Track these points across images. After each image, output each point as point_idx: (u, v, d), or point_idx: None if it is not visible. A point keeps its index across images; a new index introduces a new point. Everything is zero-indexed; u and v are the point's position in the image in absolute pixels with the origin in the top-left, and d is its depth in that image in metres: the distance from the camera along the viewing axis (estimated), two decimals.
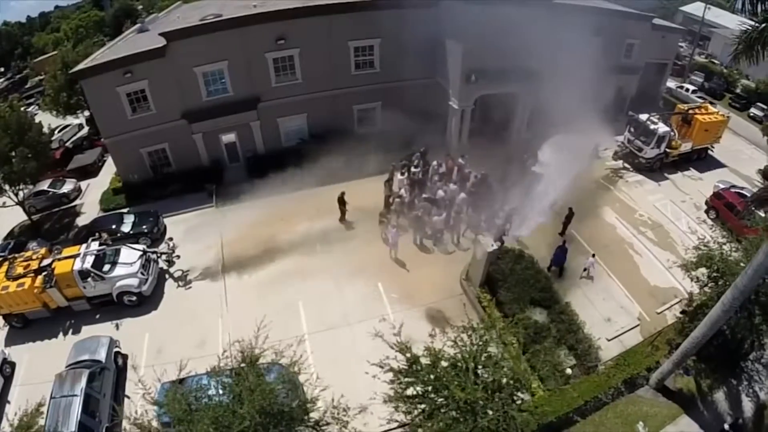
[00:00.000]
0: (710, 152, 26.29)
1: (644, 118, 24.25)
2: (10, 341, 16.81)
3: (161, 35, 20.62)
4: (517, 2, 19.30)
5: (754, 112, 34.35)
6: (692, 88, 36.50)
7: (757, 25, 9.10)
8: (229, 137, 24.02)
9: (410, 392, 9.52)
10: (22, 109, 23.31)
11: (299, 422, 9.41)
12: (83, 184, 26.83)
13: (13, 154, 20.38)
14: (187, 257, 19.03)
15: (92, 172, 27.95)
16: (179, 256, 18.94)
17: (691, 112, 25.18)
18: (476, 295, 16.18)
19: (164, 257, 18.75)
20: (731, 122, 27.95)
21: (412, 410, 9.51)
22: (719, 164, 26.17)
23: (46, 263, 16.79)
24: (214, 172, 23.57)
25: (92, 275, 16.50)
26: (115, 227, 20.36)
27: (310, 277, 17.49)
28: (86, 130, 33.53)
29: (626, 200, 22.58)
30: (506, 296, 15.67)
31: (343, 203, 19.77)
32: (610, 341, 15.52)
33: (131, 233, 20.10)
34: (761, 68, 27.02)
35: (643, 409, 13.69)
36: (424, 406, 9.35)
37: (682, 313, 15.75)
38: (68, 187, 25.81)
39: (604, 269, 18.10)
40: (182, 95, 21.90)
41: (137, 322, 16.90)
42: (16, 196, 21.66)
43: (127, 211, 22.04)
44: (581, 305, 16.26)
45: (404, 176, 20.45)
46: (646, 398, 14.01)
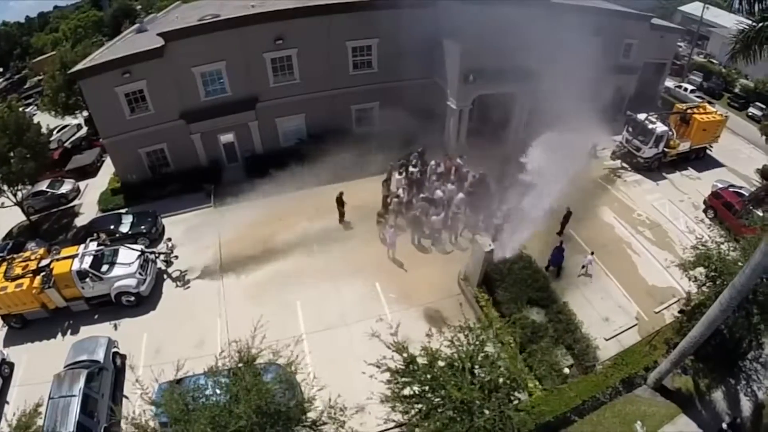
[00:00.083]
0: (709, 152, 26.28)
1: (642, 117, 24.27)
2: (8, 342, 16.84)
3: (159, 35, 20.61)
4: (515, 2, 19.29)
5: (752, 111, 34.37)
6: (691, 87, 36.49)
7: (754, 24, 9.11)
8: (227, 137, 24.00)
9: (407, 392, 9.52)
10: (20, 109, 23.34)
11: (296, 422, 9.43)
12: (82, 184, 26.81)
13: (11, 154, 20.37)
14: (185, 257, 19.04)
15: (91, 172, 27.92)
16: (177, 256, 18.96)
17: (689, 111, 25.18)
18: (474, 294, 16.19)
19: (162, 257, 18.76)
20: (730, 122, 27.95)
21: (409, 410, 9.50)
22: (718, 164, 26.17)
23: (44, 264, 16.78)
24: (212, 172, 23.54)
25: (90, 275, 16.50)
26: (113, 227, 20.36)
27: (308, 277, 17.50)
28: (85, 130, 33.52)
29: (624, 200, 22.57)
30: (504, 296, 15.68)
31: (341, 203, 19.77)
32: (608, 341, 15.51)
33: (129, 233, 20.09)
34: (760, 68, 27.10)
35: (641, 408, 13.66)
36: (420, 405, 9.34)
37: (680, 312, 15.75)
38: (67, 187, 25.78)
39: (602, 269, 18.09)
40: (180, 95, 21.88)
41: (135, 322, 16.90)
42: (14, 196, 21.69)
43: (125, 211, 22.01)
44: (579, 305, 16.25)
45: (402, 176, 20.45)
46: (644, 398, 13.98)
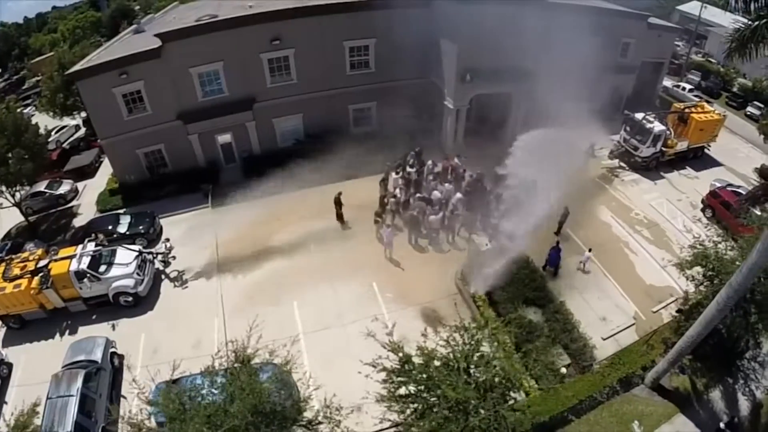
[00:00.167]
0: (707, 151, 26.30)
1: (640, 117, 24.25)
2: (7, 342, 16.87)
3: (156, 36, 20.60)
4: (511, 2, 19.28)
5: (750, 110, 34.36)
6: (689, 86, 36.47)
7: (750, 23, 9.12)
8: (225, 138, 23.97)
9: (402, 391, 9.52)
10: (18, 110, 23.36)
11: (292, 421, 9.43)
12: (80, 185, 26.81)
13: (9, 155, 20.36)
14: (182, 257, 19.04)
15: (89, 173, 27.93)
16: (175, 256, 18.95)
17: (687, 111, 25.19)
18: (471, 294, 16.20)
19: (160, 258, 18.75)
20: (728, 121, 27.92)
21: (404, 410, 9.50)
22: (716, 163, 26.17)
23: (42, 264, 16.80)
24: (210, 172, 23.54)
25: (88, 276, 16.52)
26: (111, 228, 20.37)
27: (305, 276, 17.50)
28: (83, 131, 33.53)
29: (622, 199, 22.55)
30: (501, 296, 15.68)
31: (339, 204, 19.78)
32: (605, 340, 15.50)
33: (127, 234, 20.10)
34: (758, 67, 27.13)
35: (638, 408, 13.66)
36: (416, 405, 9.34)
37: (677, 311, 15.77)
38: (65, 188, 25.79)
39: (599, 268, 18.09)
40: (178, 96, 21.88)
41: (133, 322, 16.92)
42: (12, 197, 21.74)
43: (123, 212, 22.02)
44: (576, 304, 16.24)
45: (399, 176, 20.45)
46: (641, 397, 13.98)
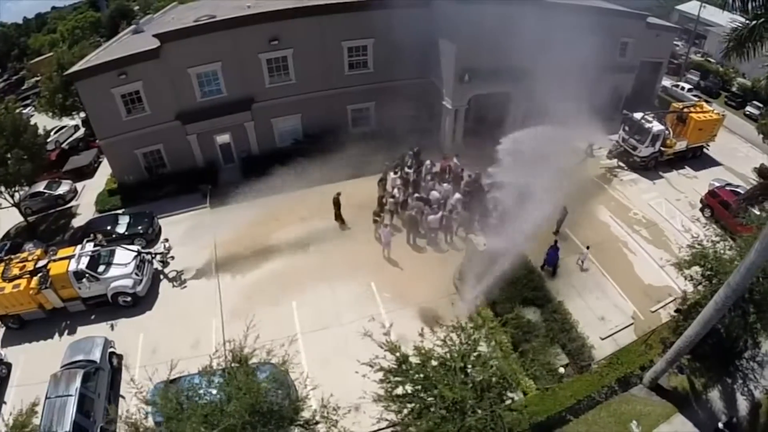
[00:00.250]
0: (706, 150, 26.29)
1: (639, 116, 24.25)
2: (6, 342, 16.90)
3: (155, 36, 20.61)
4: (510, 1, 19.29)
5: (749, 110, 34.33)
6: (688, 86, 36.47)
7: (747, 22, 9.13)
8: (223, 138, 24.00)
9: (399, 391, 9.52)
10: (17, 111, 23.37)
11: (289, 421, 9.44)
12: (79, 185, 26.83)
13: (8, 155, 20.38)
14: (181, 258, 19.04)
15: (88, 173, 27.95)
16: (173, 256, 18.95)
17: (685, 110, 25.19)
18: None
19: (159, 258, 18.76)
20: (727, 120, 27.88)
21: (402, 409, 9.50)
22: (715, 162, 26.16)
23: (41, 264, 16.82)
24: (209, 172, 23.56)
25: (87, 276, 16.54)
26: (110, 228, 20.39)
27: (303, 276, 17.50)
28: (82, 131, 33.55)
29: (621, 199, 22.53)
30: (499, 295, 15.64)
31: (338, 204, 19.76)
32: (603, 340, 15.49)
33: (126, 234, 20.13)
34: (756, 67, 27.11)
35: (636, 407, 13.65)
36: (413, 405, 9.34)
37: (676, 311, 15.74)
38: (64, 188, 25.81)
39: (598, 268, 18.08)
40: (176, 96, 21.90)
41: (132, 322, 16.94)
42: (12, 197, 21.75)
43: (122, 212, 22.04)
44: (574, 304, 16.24)
45: (397, 176, 20.46)
46: (639, 397, 13.97)
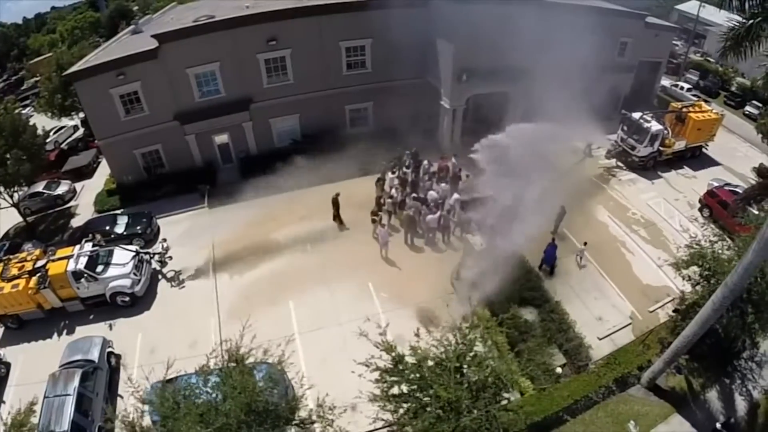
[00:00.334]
0: (705, 150, 26.27)
1: (637, 116, 24.24)
2: (5, 342, 16.93)
3: (153, 37, 20.63)
4: (508, 1, 19.29)
5: (749, 110, 34.25)
6: (687, 86, 36.45)
7: (744, 21, 9.13)
8: (221, 138, 24.03)
9: (395, 391, 9.51)
10: (17, 111, 23.40)
11: (285, 420, 9.44)
12: (78, 185, 26.88)
13: (7, 156, 20.42)
14: (179, 258, 19.05)
15: (87, 173, 28.00)
16: (172, 257, 18.96)
17: (684, 110, 25.17)
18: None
19: (157, 258, 18.78)
20: (726, 120, 27.87)
21: (397, 409, 9.50)
22: (714, 162, 26.14)
23: (40, 264, 16.85)
24: (207, 173, 23.60)
25: (85, 276, 16.57)
26: (108, 228, 20.43)
27: (301, 276, 17.52)
28: (81, 131, 33.56)
29: (619, 198, 22.53)
30: (496, 295, 15.58)
31: (336, 204, 19.76)
32: (601, 340, 15.49)
33: (125, 234, 20.17)
34: (754, 66, 27.00)
35: (634, 408, 13.64)
36: (409, 405, 9.34)
37: (674, 311, 15.71)
38: (63, 188, 25.86)
39: (596, 268, 18.09)
40: (175, 96, 21.93)
41: (130, 322, 16.97)
42: (11, 197, 21.77)
43: (120, 212, 22.07)
44: (572, 304, 16.26)
45: (395, 176, 20.46)
46: (637, 397, 13.96)
